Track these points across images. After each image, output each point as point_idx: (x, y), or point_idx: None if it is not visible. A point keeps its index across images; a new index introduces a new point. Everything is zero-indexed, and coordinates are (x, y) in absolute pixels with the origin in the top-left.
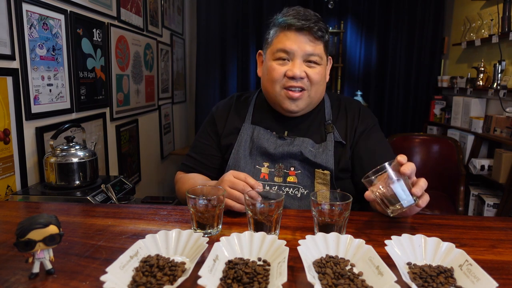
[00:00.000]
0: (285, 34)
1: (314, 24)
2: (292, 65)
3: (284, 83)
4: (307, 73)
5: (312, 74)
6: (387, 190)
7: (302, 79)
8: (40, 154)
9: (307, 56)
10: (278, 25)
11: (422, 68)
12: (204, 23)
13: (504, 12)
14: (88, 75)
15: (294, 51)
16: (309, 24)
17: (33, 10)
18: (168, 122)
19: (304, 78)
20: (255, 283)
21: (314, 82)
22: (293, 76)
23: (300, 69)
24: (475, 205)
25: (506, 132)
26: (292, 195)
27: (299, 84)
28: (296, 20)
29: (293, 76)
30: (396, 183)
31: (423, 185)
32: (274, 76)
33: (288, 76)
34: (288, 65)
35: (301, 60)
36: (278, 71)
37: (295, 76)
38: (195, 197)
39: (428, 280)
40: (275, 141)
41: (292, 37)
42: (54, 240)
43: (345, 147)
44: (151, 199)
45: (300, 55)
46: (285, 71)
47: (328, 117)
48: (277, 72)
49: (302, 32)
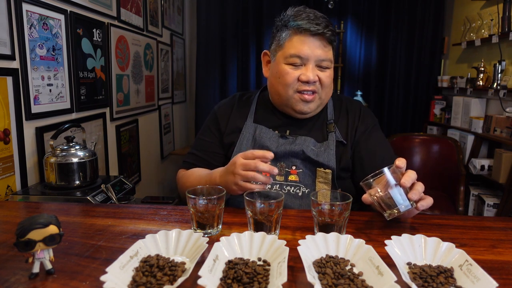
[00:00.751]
0: (299, 38)
1: (325, 29)
2: (305, 69)
3: (297, 87)
4: (319, 77)
5: (323, 78)
6: (385, 194)
7: (314, 83)
8: (40, 154)
9: (320, 62)
10: (291, 28)
11: (422, 68)
12: (204, 23)
13: (504, 12)
14: (88, 75)
15: (308, 57)
16: (323, 30)
17: (33, 10)
18: (168, 122)
19: (316, 82)
20: (255, 283)
21: (325, 85)
22: (307, 81)
23: (313, 73)
24: (475, 205)
25: (506, 132)
26: (294, 193)
27: (311, 88)
28: (310, 25)
29: (307, 80)
30: (394, 188)
31: (419, 190)
32: (288, 80)
33: (301, 80)
34: (301, 69)
35: (313, 65)
36: (292, 75)
37: (309, 81)
38: (195, 197)
39: (428, 280)
40: (277, 139)
41: (306, 42)
42: (54, 240)
43: (346, 146)
44: (151, 199)
45: (313, 60)
46: (299, 75)
47: (330, 116)
48: (291, 76)
49: (316, 37)
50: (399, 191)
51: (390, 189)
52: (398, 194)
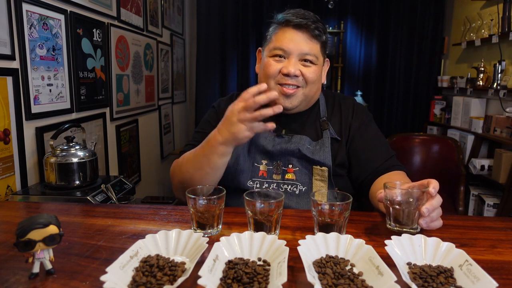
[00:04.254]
0: (284, 31)
1: (312, 23)
2: (287, 62)
3: (278, 79)
4: (302, 72)
5: (307, 73)
6: (400, 207)
7: (296, 77)
8: (40, 154)
9: (303, 55)
10: (277, 22)
11: (422, 68)
12: (204, 23)
13: (504, 12)
14: (88, 75)
15: (291, 50)
16: (307, 22)
17: (33, 10)
18: (168, 122)
19: (299, 76)
20: (255, 283)
21: (309, 81)
22: (288, 74)
23: (294, 67)
24: (475, 205)
25: (506, 132)
26: (291, 192)
27: (293, 82)
28: (294, 18)
29: (288, 73)
30: (411, 211)
31: (434, 217)
32: (270, 71)
33: (282, 73)
34: (284, 62)
35: (296, 59)
36: (274, 67)
37: (290, 74)
38: (195, 197)
39: (428, 280)
40: (273, 139)
41: (289, 35)
42: (54, 240)
43: (341, 143)
44: (151, 199)
45: (296, 54)
46: (280, 67)
47: (323, 114)
48: (273, 68)
49: (300, 30)
50: (412, 216)
51: (407, 208)
52: (411, 215)
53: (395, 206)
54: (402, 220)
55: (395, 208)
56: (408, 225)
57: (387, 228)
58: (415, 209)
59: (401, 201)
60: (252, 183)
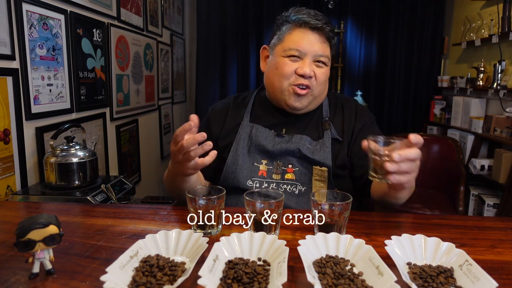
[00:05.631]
0: (300, 31)
1: (326, 25)
2: (302, 63)
3: (293, 80)
4: (315, 73)
5: (319, 74)
6: (380, 159)
7: (310, 78)
8: (40, 154)
9: (317, 57)
10: (291, 22)
11: (422, 68)
12: (204, 23)
13: (504, 12)
14: (88, 75)
15: (306, 51)
16: (322, 25)
17: (33, 10)
18: (168, 122)
19: (312, 77)
20: (255, 283)
21: (320, 82)
22: (303, 74)
23: (310, 68)
24: (475, 205)
25: (506, 132)
26: (290, 192)
27: (306, 82)
28: (310, 19)
29: (303, 74)
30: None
31: (396, 158)
32: (285, 71)
33: (298, 73)
34: (299, 62)
35: (311, 60)
36: (289, 67)
37: (305, 75)
38: (195, 197)
39: (428, 280)
40: (273, 138)
41: (305, 35)
42: (54, 240)
43: (342, 144)
44: (151, 199)
45: (311, 55)
46: (296, 68)
47: (325, 114)
48: (289, 68)
49: (315, 31)
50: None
51: (382, 156)
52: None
53: (375, 157)
54: (378, 170)
55: (373, 157)
56: (382, 175)
57: (387, 227)
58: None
59: (379, 150)
60: (252, 182)
